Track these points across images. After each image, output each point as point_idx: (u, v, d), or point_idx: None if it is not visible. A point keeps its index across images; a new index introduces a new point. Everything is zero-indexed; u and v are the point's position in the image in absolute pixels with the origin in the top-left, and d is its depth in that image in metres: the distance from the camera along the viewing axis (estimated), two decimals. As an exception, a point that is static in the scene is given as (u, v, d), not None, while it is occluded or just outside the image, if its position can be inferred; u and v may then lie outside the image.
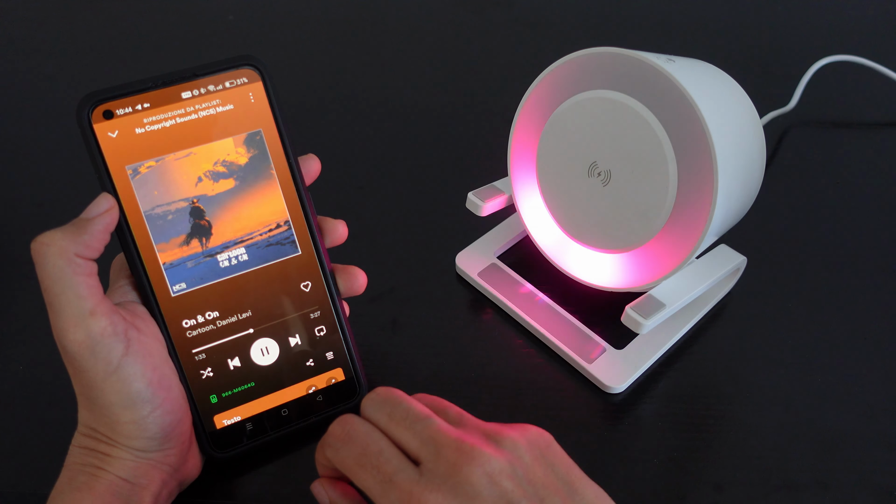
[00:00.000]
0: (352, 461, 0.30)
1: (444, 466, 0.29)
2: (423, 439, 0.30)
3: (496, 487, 0.28)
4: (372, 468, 0.30)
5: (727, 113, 0.42)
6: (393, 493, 0.29)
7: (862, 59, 0.64)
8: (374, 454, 0.30)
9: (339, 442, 0.31)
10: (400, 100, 0.65)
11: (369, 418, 0.32)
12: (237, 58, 0.36)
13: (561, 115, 0.43)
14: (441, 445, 0.29)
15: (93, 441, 0.34)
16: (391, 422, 0.31)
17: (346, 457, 0.31)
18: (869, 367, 0.46)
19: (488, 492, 0.28)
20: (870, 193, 0.57)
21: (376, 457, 0.30)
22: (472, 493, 0.28)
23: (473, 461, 0.28)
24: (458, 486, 0.28)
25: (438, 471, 0.29)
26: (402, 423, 0.31)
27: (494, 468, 0.29)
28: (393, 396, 0.32)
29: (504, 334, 0.47)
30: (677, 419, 0.43)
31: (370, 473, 0.30)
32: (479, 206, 0.47)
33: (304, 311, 0.39)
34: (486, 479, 0.28)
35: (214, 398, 0.38)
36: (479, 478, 0.28)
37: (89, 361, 0.32)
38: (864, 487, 0.40)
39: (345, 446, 0.31)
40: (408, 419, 0.31)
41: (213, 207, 0.36)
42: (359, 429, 0.31)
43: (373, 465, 0.30)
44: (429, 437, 0.30)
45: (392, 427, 0.31)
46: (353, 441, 0.31)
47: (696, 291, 0.43)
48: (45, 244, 0.31)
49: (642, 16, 0.76)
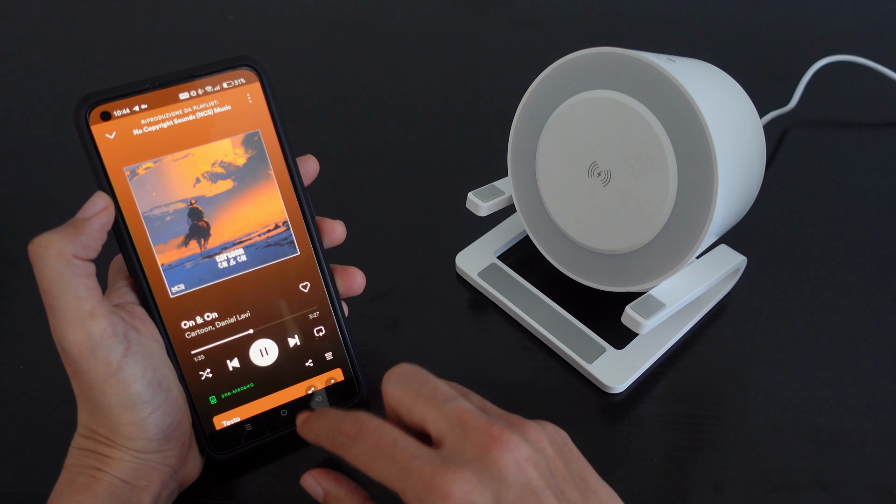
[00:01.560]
0: (366, 456, 0.30)
1: (473, 448, 0.29)
2: (452, 420, 0.30)
3: (522, 474, 0.28)
4: (387, 459, 0.29)
5: (727, 113, 0.42)
6: (413, 479, 0.28)
7: (862, 59, 0.64)
8: (389, 445, 0.30)
9: (350, 440, 0.31)
10: (400, 100, 0.65)
11: (393, 394, 0.32)
12: (235, 58, 0.36)
13: (561, 115, 0.43)
14: (470, 427, 0.29)
15: (92, 442, 0.34)
16: (418, 398, 0.31)
17: (360, 453, 0.30)
18: (869, 367, 0.45)
19: (515, 477, 0.28)
20: (870, 193, 0.57)
21: (391, 448, 0.29)
22: (499, 477, 0.28)
23: (503, 445, 0.28)
24: (486, 468, 0.28)
25: (465, 452, 0.29)
26: (430, 402, 0.31)
27: (523, 455, 0.29)
28: (420, 373, 0.32)
29: (504, 334, 0.47)
30: (677, 419, 0.43)
31: (387, 465, 0.29)
32: (479, 206, 0.47)
33: (302, 312, 0.39)
34: (514, 465, 0.28)
35: (214, 399, 0.38)
36: (508, 463, 0.28)
37: (89, 363, 0.32)
38: (864, 487, 0.40)
39: (357, 443, 0.30)
40: (436, 397, 0.31)
41: (212, 208, 0.36)
42: (369, 424, 0.31)
43: (388, 456, 0.29)
44: (457, 419, 0.30)
45: (419, 404, 0.31)
46: (365, 437, 0.30)
47: (696, 291, 0.43)
48: (43, 246, 0.31)
49: (642, 16, 0.76)
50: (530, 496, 0.28)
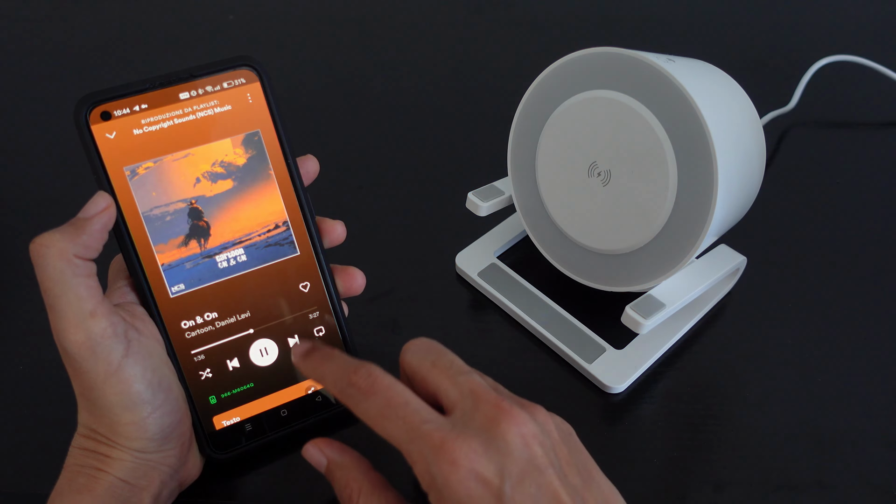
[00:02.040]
0: (375, 412, 0.30)
1: (482, 419, 0.29)
2: (464, 391, 0.30)
3: (528, 449, 0.28)
4: (398, 419, 0.29)
5: (727, 113, 0.42)
6: (421, 442, 0.28)
7: (862, 59, 0.64)
8: (401, 405, 0.30)
9: (361, 394, 0.31)
10: (400, 100, 0.65)
11: (410, 363, 0.32)
12: (235, 58, 0.36)
13: (561, 115, 0.43)
14: (481, 399, 0.29)
15: (92, 442, 0.34)
16: (434, 368, 0.31)
17: (370, 408, 0.30)
18: (869, 367, 0.45)
19: (520, 452, 0.28)
20: (870, 193, 0.57)
21: (402, 408, 0.29)
22: (505, 450, 0.28)
23: (512, 419, 0.29)
24: (493, 439, 0.28)
25: (474, 422, 0.29)
26: (445, 372, 0.31)
27: (529, 431, 0.29)
28: (438, 346, 0.33)
29: (504, 334, 0.47)
30: (677, 419, 0.43)
31: (396, 424, 0.29)
32: (479, 206, 0.47)
33: (302, 312, 0.39)
34: (520, 440, 0.28)
35: (213, 399, 0.38)
36: (515, 436, 0.28)
37: (89, 363, 0.32)
38: (864, 487, 0.40)
39: (368, 398, 0.30)
40: (452, 368, 0.31)
41: (212, 208, 0.36)
42: (382, 381, 0.31)
43: (398, 416, 0.29)
44: (469, 390, 0.30)
45: (434, 373, 0.31)
46: (377, 393, 0.30)
47: (696, 291, 0.43)
48: (45, 246, 0.31)
49: (642, 16, 0.76)
50: (534, 472, 0.28)
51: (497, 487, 0.28)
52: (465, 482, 0.27)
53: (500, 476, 0.28)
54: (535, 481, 0.28)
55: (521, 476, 0.28)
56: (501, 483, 0.28)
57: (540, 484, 0.28)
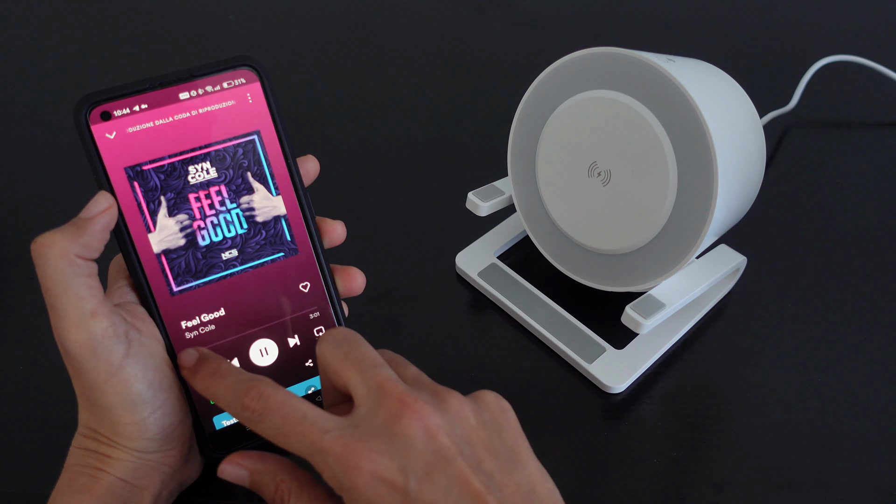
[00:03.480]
0: (274, 431, 0.30)
1: (384, 416, 0.29)
2: (371, 386, 0.30)
3: (433, 442, 0.28)
4: (297, 435, 0.29)
5: (727, 113, 0.42)
6: (324, 454, 0.28)
7: (862, 59, 0.64)
8: (297, 420, 0.29)
9: (256, 416, 0.30)
10: (400, 100, 0.65)
11: (324, 354, 0.32)
12: (235, 58, 0.36)
13: (561, 115, 0.43)
14: (385, 394, 0.29)
15: (93, 442, 0.34)
16: (346, 360, 0.31)
17: (268, 428, 0.30)
18: (869, 367, 0.45)
19: (423, 445, 0.28)
20: (870, 193, 0.57)
21: (300, 423, 0.29)
22: (408, 445, 0.28)
23: (414, 414, 0.28)
24: (395, 436, 0.28)
25: (376, 420, 0.29)
26: (356, 366, 0.31)
27: (434, 423, 0.28)
28: (354, 338, 0.32)
29: (504, 334, 0.47)
30: (677, 419, 0.43)
31: (296, 440, 0.29)
32: (479, 206, 0.47)
33: (302, 312, 0.39)
34: (423, 433, 0.28)
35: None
36: (417, 431, 0.28)
37: (90, 362, 0.32)
38: (864, 487, 0.40)
39: (263, 419, 0.30)
40: (362, 362, 0.31)
41: (212, 208, 0.36)
42: (274, 399, 0.30)
43: (297, 431, 0.29)
44: (376, 385, 0.29)
45: (346, 366, 0.31)
46: (272, 412, 0.30)
47: (696, 291, 0.43)
48: (46, 245, 0.31)
49: (642, 16, 0.76)
50: (440, 463, 0.28)
51: (402, 485, 0.27)
52: (371, 484, 0.27)
53: (404, 473, 0.27)
54: (444, 472, 0.28)
55: (426, 470, 0.28)
56: (406, 480, 0.27)
57: (449, 475, 0.28)
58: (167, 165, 0.35)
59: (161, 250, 0.36)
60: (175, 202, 0.36)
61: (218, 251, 0.37)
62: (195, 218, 0.36)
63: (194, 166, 0.36)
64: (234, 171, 0.37)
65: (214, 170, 0.36)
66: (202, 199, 0.36)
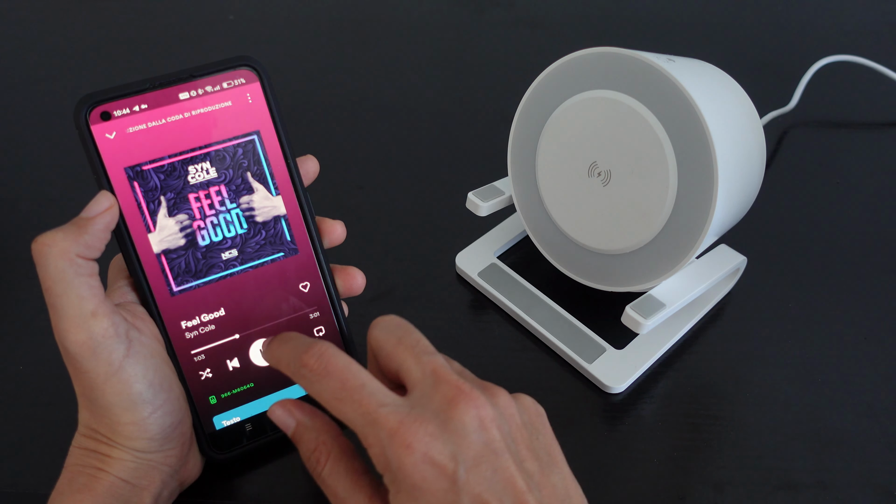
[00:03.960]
0: (330, 395, 0.29)
1: (440, 401, 0.28)
2: (426, 371, 0.30)
3: (485, 433, 0.28)
4: (353, 402, 0.29)
5: (727, 113, 0.42)
6: (376, 426, 0.28)
7: (862, 59, 0.64)
8: (356, 388, 0.29)
9: (314, 375, 0.30)
10: (400, 99, 0.65)
11: (377, 338, 0.32)
12: (234, 58, 0.36)
13: (561, 115, 0.43)
14: (441, 380, 0.29)
15: (93, 442, 0.34)
16: (399, 345, 0.31)
17: (324, 390, 0.30)
18: (869, 367, 0.45)
19: (476, 435, 0.28)
20: (870, 193, 0.57)
21: (358, 391, 0.29)
22: (462, 432, 0.28)
23: (470, 402, 0.28)
24: (449, 421, 0.28)
25: (432, 404, 0.28)
26: (410, 350, 0.31)
27: (487, 414, 0.28)
28: (406, 325, 0.32)
29: (504, 334, 0.47)
30: (677, 419, 0.43)
31: (351, 407, 0.29)
32: (479, 206, 0.47)
33: (302, 312, 0.39)
34: (476, 422, 0.28)
35: (214, 399, 0.38)
36: (472, 419, 0.28)
37: (91, 362, 0.32)
38: (864, 487, 0.40)
39: (322, 380, 0.30)
40: (417, 347, 0.31)
41: (211, 208, 0.36)
42: (336, 362, 0.30)
43: (354, 399, 0.29)
44: (431, 370, 0.30)
45: (399, 350, 0.31)
46: (330, 374, 0.30)
47: (696, 291, 0.43)
48: (47, 245, 0.31)
49: (642, 16, 0.76)
50: (489, 455, 0.28)
51: (451, 471, 0.27)
52: (420, 466, 0.27)
53: (455, 460, 0.27)
54: (491, 465, 0.28)
55: (476, 460, 0.28)
56: (456, 467, 0.27)
57: (495, 468, 0.28)
58: (167, 165, 0.35)
59: (161, 250, 0.36)
60: (175, 202, 0.36)
61: (218, 251, 0.37)
62: (195, 218, 0.36)
63: (194, 166, 0.36)
64: (234, 171, 0.37)
65: (214, 170, 0.36)
66: (202, 199, 0.36)
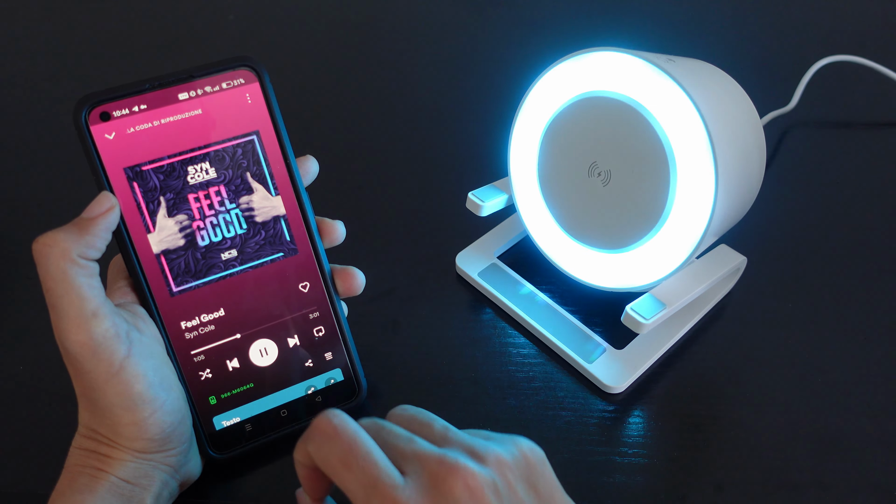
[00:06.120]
0: (336, 459, 0.29)
1: (429, 478, 0.28)
2: (407, 457, 0.29)
3: (476, 501, 0.28)
4: (357, 469, 0.29)
5: (727, 113, 0.42)
6: (376, 498, 0.28)
7: (862, 59, 0.64)
8: (363, 455, 0.29)
9: (323, 438, 0.30)
10: (400, 100, 0.65)
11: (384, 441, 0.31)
12: (234, 59, 0.36)
13: (561, 115, 0.43)
14: (424, 460, 0.29)
15: (93, 442, 0.34)
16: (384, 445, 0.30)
17: (330, 454, 0.29)
18: (869, 367, 0.45)
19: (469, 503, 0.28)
20: (870, 193, 0.57)
21: (364, 458, 0.29)
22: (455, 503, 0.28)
23: (457, 473, 0.28)
24: (441, 497, 0.28)
25: (424, 481, 0.28)
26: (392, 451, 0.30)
27: (477, 482, 0.28)
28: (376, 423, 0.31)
29: (504, 334, 0.47)
30: (677, 419, 0.43)
31: (355, 475, 0.29)
32: (479, 206, 0.47)
33: (302, 312, 0.39)
34: (467, 493, 0.28)
35: (213, 399, 0.38)
36: (462, 490, 0.28)
37: (91, 363, 0.32)
38: (864, 487, 0.40)
39: (329, 443, 0.30)
40: (399, 439, 0.30)
41: (211, 208, 0.36)
42: (347, 426, 0.30)
43: (359, 466, 0.29)
44: (412, 454, 0.29)
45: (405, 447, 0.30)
46: (340, 438, 0.29)
47: (696, 291, 0.43)
48: (48, 245, 0.31)
49: (642, 16, 0.76)
50: None
51: None
52: None
53: None
54: None
55: None
56: None
57: None
58: (166, 166, 0.35)
59: (160, 251, 0.36)
60: (174, 202, 0.36)
61: (217, 251, 0.37)
62: (194, 218, 0.36)
63: (193, 167, 0.36)
64: (234, 172, 0.37)
65: (214, 170, 0.36)
66: (201, 199, 0.36)
